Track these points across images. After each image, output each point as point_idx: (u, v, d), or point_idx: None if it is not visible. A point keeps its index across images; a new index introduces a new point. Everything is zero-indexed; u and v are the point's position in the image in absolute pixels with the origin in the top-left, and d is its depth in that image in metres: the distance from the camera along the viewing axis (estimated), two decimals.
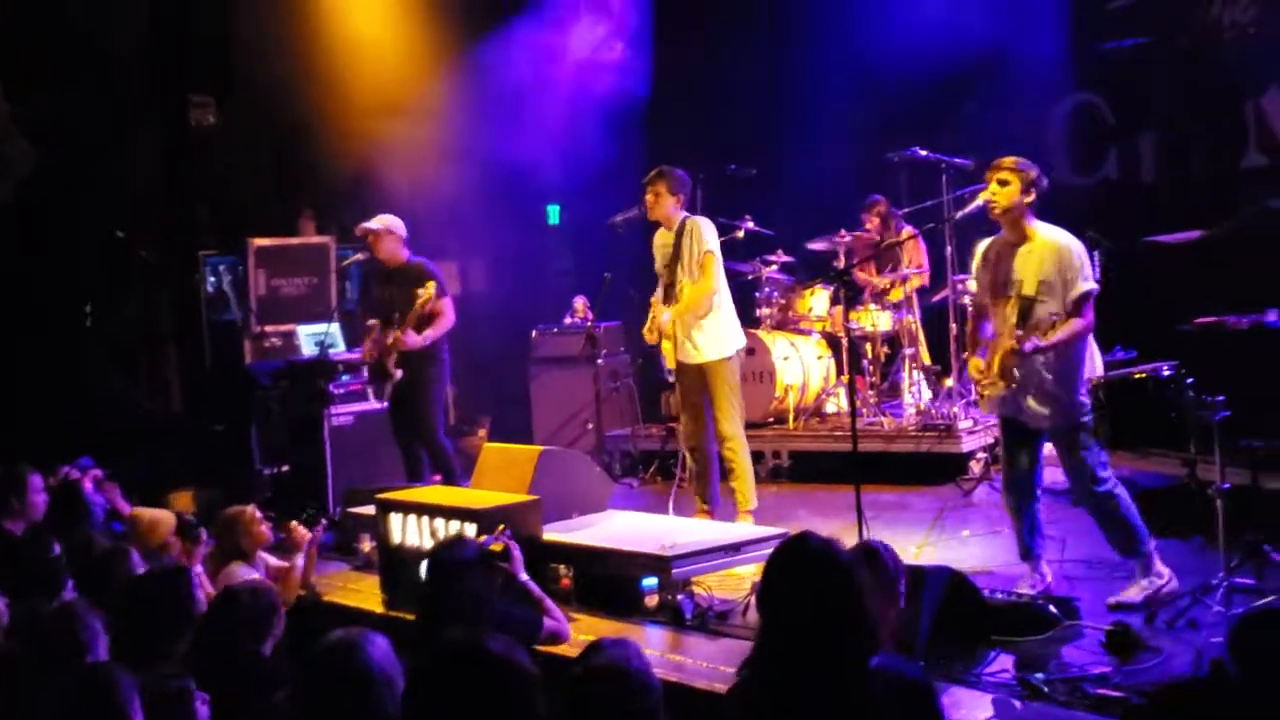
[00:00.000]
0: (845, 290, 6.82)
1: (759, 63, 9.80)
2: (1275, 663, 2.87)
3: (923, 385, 8.51)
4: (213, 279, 9.63)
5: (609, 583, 5.63)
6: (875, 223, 9.03)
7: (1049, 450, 5.49)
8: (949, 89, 9.02)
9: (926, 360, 8.80)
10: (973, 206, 5.46)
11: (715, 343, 6.80)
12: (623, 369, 9.46)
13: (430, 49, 9.79)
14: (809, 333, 9.07)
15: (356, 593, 6.15)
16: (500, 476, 6.24)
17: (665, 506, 7.13)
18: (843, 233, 8.76)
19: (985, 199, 5.25)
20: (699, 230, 6.81)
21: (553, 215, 11.35)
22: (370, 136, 9.62)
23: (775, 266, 9.13)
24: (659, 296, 6.95)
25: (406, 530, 5.83)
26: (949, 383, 8.25)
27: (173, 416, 9.86)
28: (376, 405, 8.04)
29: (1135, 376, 5.34)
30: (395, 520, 5.89)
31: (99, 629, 3.79)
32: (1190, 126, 8.66)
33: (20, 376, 9.06)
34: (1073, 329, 5.09)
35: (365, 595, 6.05)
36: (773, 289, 9.14)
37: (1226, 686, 2.91)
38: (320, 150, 9.85)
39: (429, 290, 7.15)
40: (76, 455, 7.01)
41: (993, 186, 5.21)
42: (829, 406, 8.94)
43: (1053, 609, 4.85)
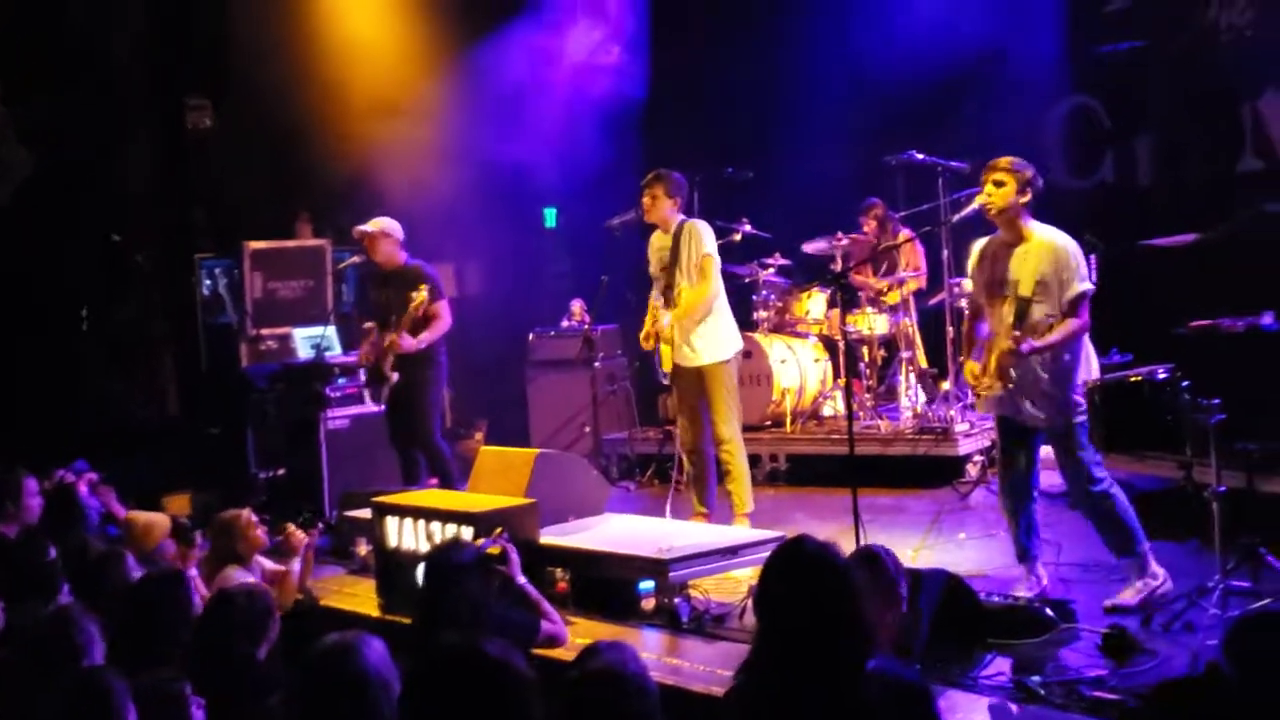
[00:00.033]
0: (842, 293, 6.82)
1: (756, 65, 9.80)
2: (1271, 665, 2.87)
3: (919, 390, 8.51)
4: (208, 282, 9.62)
5: (606, 586, 5.62)
6: (872, 226, 9.04)
7: (1046, 453, 5.50)
8: (946, 92, 9.02)
9: (923, 363, 8.80)
10: (969, 210, 5.46)
11: (713, 346, 6.80)
12: (620, 372, 9.45)
13: (427, 52, 9.78)
14: (806, 336, 9.07)
15: (352, 596, 6.14)
16: (497, 480, 6.23)
17: (662, 509, 7.12)
18: (840, 235, 8.76)
19: (981, 201, 5.25)
20: (698, 234, 6.80)
21: (550, 218, 11.35)
22: (367, 139, 9.60)
23: (772, 269, 9.12)
24: (657, 300, 6.95)
25: (403, 534, 5.82)
26: (945, 386, 8.25)
27: (168, 419, 9.84)
28: (372, 408, 8.03)
29: (1131, 379, 5.34)
30: (391, 524, 5.89)
31: (94, 633, 3.79)
32: (1187, 130, 8.67)
33: (16, 379, 9.05)
34: (1069, 329, 5.10)
35: (361, 599, 6.04)
36: (770, 292, 9.14)
37: (1222, 688, 2.91)
38: (317, 153, 9.83)
39: (421, 294, 7.15)
40: (72, 458, 7.00)
41: (988, 188, 5.21)
42: (826, 409, 8.94)
43: (1049, 612, 4.86)
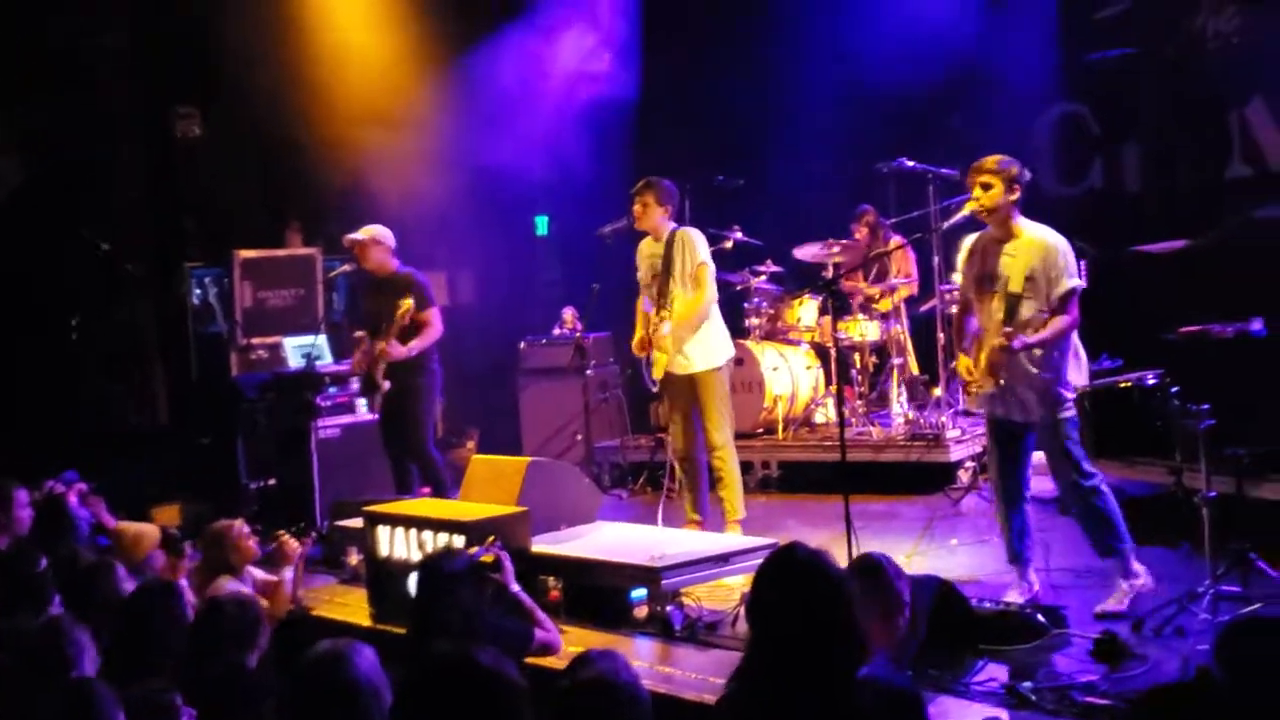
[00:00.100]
0: (833, 300, 6.83)
1: (747, 73, 9.81)
2: (1261, 670, 2.87)
3: (906, 398, 8.53)
4: (198, 291, 9.60)
5: (598, 594, 5.62)
6: (864, 233, 9.06)
7: (1038, 458, 5.52)
8: (936, 99, 9.05)
9: (915, 370, 8.82)
10: (959, 216, 5.51)
11: (705, 353, 6.80)
12: (612, 380, 9.45)
13: (418, 59, 9.76)
14: (798, 343, 9.08)
15: (344, 606, 6.12)
16: (489, 488, 6.22)
17: (654, 517, 7.11)
18: (830, 241, 8.78)
19: (972, 208, 5.29)
20: (691, 242, 6.81)
21: (541, 226, 11.35)
22: (358, 147, 9.60)
23: (764, 277, 9.13)
24: (649, 309, 6.93)
25: (394, 543, 5.81)
26: (937, 392, 8.26)
27: (159, 429, 9.81)
28: (364, 417, 8.02)
29: (1121, 385, 5.35)
30: (383, 533, 5.87)
31: (85, 644, 3.77)
32: (1175, 136, 8.70)
33: (5, 389, 9.02)
34: (1059, 326, 5.15)
35: (353, 609, 6.02)
36: (761, 299, 9.15)
37: (1213, 693, 2.92)
38: (307, 161, 9.83)
39: (406, 302, 7.14)
40: (62, 468, 6.98)
41: (976, 191, 5.25)
42: (818, 417, 8.95)
43: (1040, 618, 4.87)
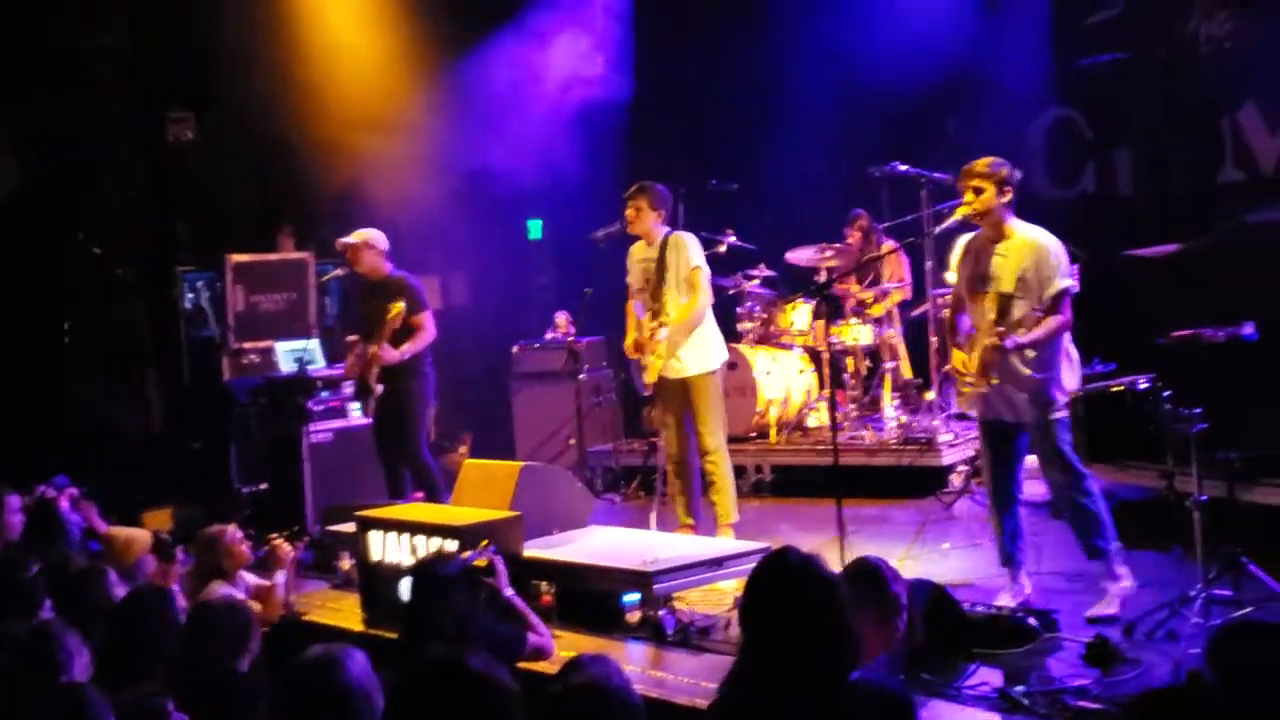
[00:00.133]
0: (826, 304, 6.84)
1: (740, 77, 9.83)
2: (1253, 674, 2.88)
3: (899, 402, 8.54)
4: (191, 295, 9.58)
5: (590, 599, 5.61)
6: (857, 237, 9.07)
7: (1031, 462, 5.53)
8: (929, 103, 9.07)
9: (908, 374, 8.83)
10: (952, 221, 5.53)
11: (699, 357, 6.80)
12: (605, 384, 9.44)
13: (411, 63, 9.76)
14: (790, 347, 9.09)
15: (336, 611, 6.11)
16: (481, 493, 6.22)
17: (647, 522, 7.11)
18: (824, 246, 8.78)
19: (964, 213, 5.30)
20: (685, 246, 6.81)
21: (534, 230, 11.35)
22: (351, 151, 9.58)
23: (757, 281, 9.14)
24: (642, 315, 6.92)
25: (386, 548, 5.80)
26: (929, 396, 8.27)
27: (151, 434, 9.79)
28: (356, 422, 8.00)
29: (1113, 389, 5.38)
30: (375, 538, 5.87)
31: (76, 649, 3.76)
32: (1168, 141, 8.72)
33: None
34: (1052, 326, 5.16)
35: (345, 614, 6.01)
36: (754, 303, 9.15)
37: (1204, 697, 2.92)
38: (300, 165, 9.81)
39: (397, 306, 7.14)
40: (54, 472, 6.96)
41: (968, 195, 5.27)
42: (810, 420, 8.95)
43: (1033, 622, 4.87)
